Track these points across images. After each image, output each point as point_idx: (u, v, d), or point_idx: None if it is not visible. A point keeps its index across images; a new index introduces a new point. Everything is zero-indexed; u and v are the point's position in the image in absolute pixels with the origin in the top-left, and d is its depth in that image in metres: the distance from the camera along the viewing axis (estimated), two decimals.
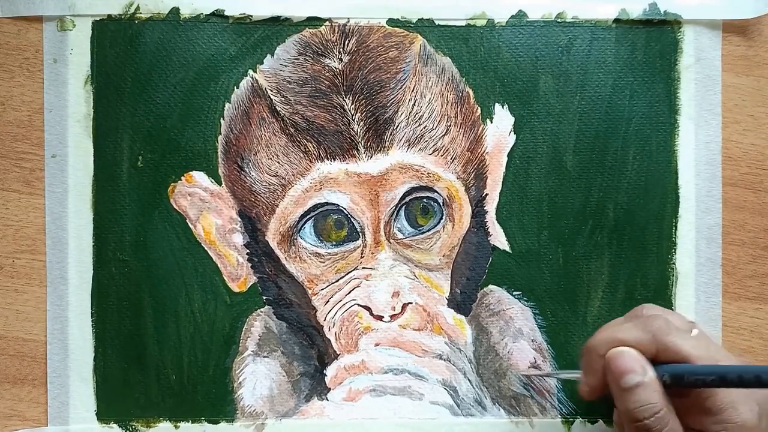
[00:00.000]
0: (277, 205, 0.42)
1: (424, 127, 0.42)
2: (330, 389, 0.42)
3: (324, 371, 0.43)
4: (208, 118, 0.42)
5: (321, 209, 0.42)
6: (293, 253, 0.42)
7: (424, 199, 0.42)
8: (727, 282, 0.43)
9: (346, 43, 0.42)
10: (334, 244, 0.42)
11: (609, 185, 0.43)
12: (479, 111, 0.43)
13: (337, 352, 0.43)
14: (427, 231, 0.43)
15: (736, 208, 0.43)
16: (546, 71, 0.43)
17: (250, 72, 0.42)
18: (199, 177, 0.42)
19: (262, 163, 0.42)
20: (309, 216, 0.42)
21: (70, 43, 0.42)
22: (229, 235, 0.43)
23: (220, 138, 0.42)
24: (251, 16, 0.42)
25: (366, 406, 0.42)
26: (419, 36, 0.42)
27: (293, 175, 0.42)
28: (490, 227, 0.43)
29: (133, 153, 0.42)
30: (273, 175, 0.42)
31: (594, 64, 0.43)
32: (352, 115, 0.42)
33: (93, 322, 0.42)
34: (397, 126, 0.42)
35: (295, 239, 0.42)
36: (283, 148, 0.42)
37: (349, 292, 0.42)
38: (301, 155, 0.42)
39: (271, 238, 0.42)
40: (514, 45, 0.42)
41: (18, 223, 0.43)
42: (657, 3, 0.43)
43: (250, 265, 0.43)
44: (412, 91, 0.42)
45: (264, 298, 0.43)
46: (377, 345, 0.42)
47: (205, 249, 0.43)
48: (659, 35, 0.43)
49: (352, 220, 0.42)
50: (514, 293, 0.43)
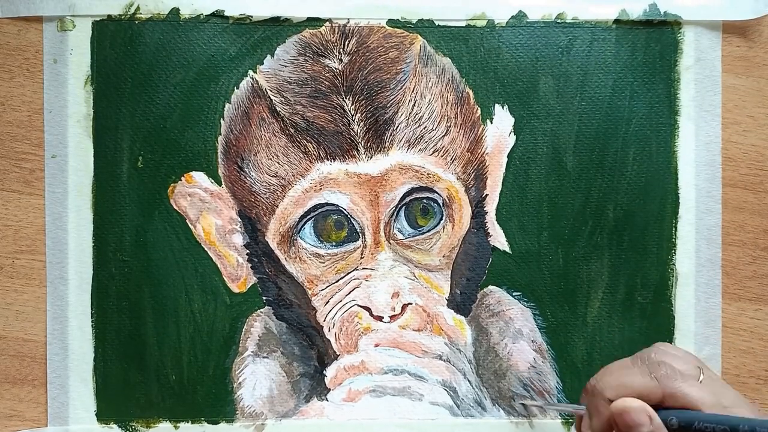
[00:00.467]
0: (277, 206, 0.42)
1: (424, 128, 0.42)
2: (330, 390, 0.42)
3: (324, 372, 0.43)
4: (208, 118, 0.42)
5: (321, 210, 0.42)
6: (293, 253, 0.42)
7: (424, 200, 0.42)
8: (726, 283, 0.43)
9: (346, 43, 0.42)
10: (334, 244, 0.42)
11: (609, 186, 0.43)
12: (479, 112, 0.43)
13: (337, 353, 0.43)
14: (427, 231, 0.43)
15: (736, 208, 0.43)
16: (546, 72, 0.43)
17: (250, 72, 0.42)
18: (199, 177, 0.42)
19: (262, 163, 0.42)
20: (309, 216, 0.42)
21: (70, 44, 0.42)
22: (229, 236, 0.43)
23: (220, 138, 0.42)
24: (251, 16, 0.42)
25: (366, 407, 0.42)
26: (419, 36, 0.42)
27: (293, 175, 0.42)
28: (490, 228, 0.43)
29: (133, 153, 0.42)
30: (273, 176, 0.42)
31: (594, 65, 0.43)
32: (352, 116, 0.42)
33: (93, 322, 0.42)
34: (397, 126, 0.42)
35: (295, 240, 0.42)
36: (283, 148, 0.42)
37: (349, 293, 0.42)
38: (301, 156, 0.42)
39: (271, 239, 0.42)
40: (514, 46, 0.42)
41: (18, 223, 0.43)
42: (657, 4, 0.43)
43: (250, 265, 0.43)
44: (412, 91, 0.42)
45: (264, 298, 0.43)
46: (377, 345, 0.42)
47: (205, 249, 0.43)
48: (659, 36, 0.43)
49: (352, 220, 0.42)
50: (514, 294, 0.43)
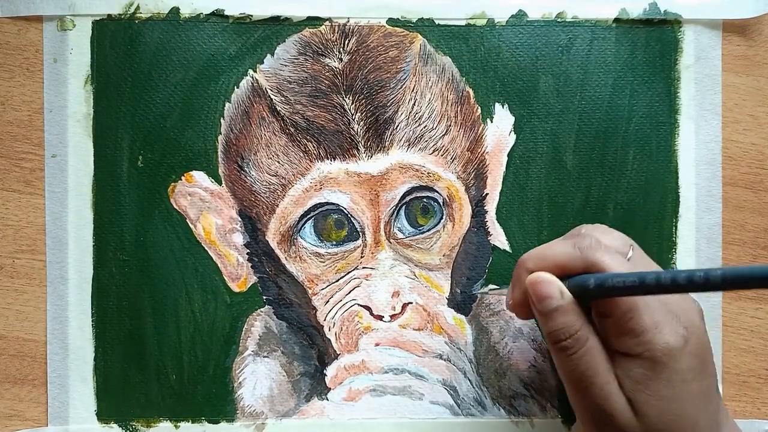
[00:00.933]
0: (277, 205, 0.42)
1: (424, 127, 0.42)
2: (330, 389, 0.42)
3: (324, 371, 0.43)
4: (208, 117, 0.42)
5: (321, 209, 0.42)
6: (293, 252, 0.42)
7: (424, 199, 0.42)
8: None
9: (346, 42, 0.42)
10: (334, 243, 0.42)
11: (609, 185, 0.43)
12: (479, 111, 0.43)
13: (337, 352, 0.43)
14: (427, 231, 0.43)
15: (736, 207, 0.43)
16: (546, 71, 0.43)
17: (250, 72, 0.42)
18: (199, 177, 0.42)
19: (262, 162, 0.42)
20: (309, 216, 0.42)
21: (70, 43, 0.42)
22: (229, 235, 0.43)
23: (220, 138, 0.42)
24: (251, 15, 0.42)
25: (366, 406, 0.42)
26: (419, 36, 0.42)
27: (293, 174, 0.42)
28: (491, 227, 0.43)
29: (133, 153, 0.42)
30: (273, 175, 0.42)
31: (594, 64, 0.43)
32: (352, 115, 0.42)
33: (93, 322, 0.42)
34: (397, 126, 0.42)
35: (295, 239, 0.42)
36: (283, 147, 0.42)
37: (349, 292, 0.42)
38: (301, 155, 0.42)
39: (271, 238, 0.42)
40: (514, 45, 0.42)
41: (18, 223, 0.43)
42: (657, 2, 0.43)
43: (250, 264, 0.43)
44: (412, 90, 0.42)
45: (264, 297, 0.43)
46: (377, 345, 0.42)
47: (205, 249, 0.43)
48: (659, 35, 0.43)
49: (352, 219, 0.42)
50: None
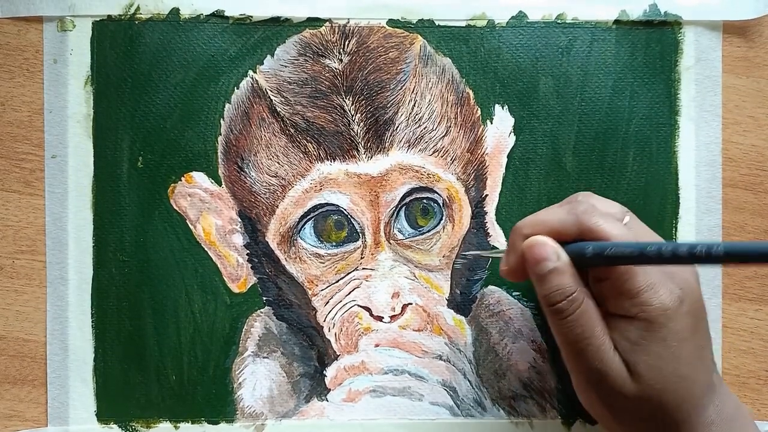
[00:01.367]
0: (277, 206, 0.42)
1: (424, 128, 0.42)
2: (330, 390, 0.42)
3: (324, 372, 0.43)
4: (208, 118, 0.42)
5: (321, 210, 0.42)
6: (293, 253, 0.42)
7: (424, 200, 0.42)
8: (727, 283, 0.43)
9: (346, 43, 0.42)
10: (334, 244, 0.42)
11: (609, 186, 0.43)
12: (479, 112, 0.43)
13: (337, 353, 0.43)
14: (427, 232, 0.43)
15: (737, 209, 0.43)
16: (546, 72, 0.43)
17: (250, 72, 0.42)
18: (199, 177, 0.42)
19: (262, 163, 0.42)
20: (309, 217, 0.42)
21: (70, 44, 0.42)
22: (229, 236, 0.43)
23: (220, 138, 0.42)
24: (251, 16, 0.42)
25: (366, 407, 0.42)
26: (419, 37, 0.42)
27: (293, 175, 0.42)
28: (490, 228, 0.43)
29: (133, 153, 0.42)
30: (273, 176, 0.42)
31: (594, 65, 0.43)
32: (352, 116, 0.42)
33: (93, 322, 0.42)
34: (397, 127, 0.42)
35: (295, 240, 0.42)
36: (283, 148, 0.42)
37: (349, 293, 0.43)
38: (301, 156, 0.42)
39: (271, 239, 0.42)
40: (515, 46, 0.42)
41: (18, 224, 0.43)
42: (657, 4, 0.43)
43: (250, 265, 0.43)
44: (412, 91, 0.42)
45: (264, 298, 0.43)
46: (377, 346, 0.42)
47: (205, 249, 0.43)
48: (659, 36, 0.43)
49: (352, 220, 0.42)
50: (514, 294, 0.43)
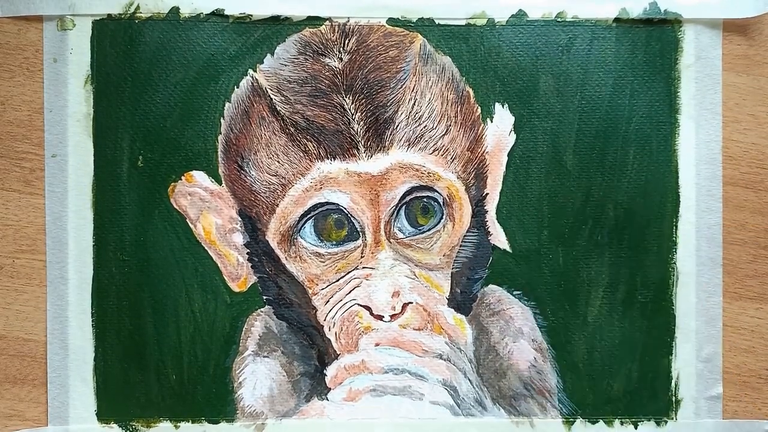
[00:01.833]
0: (277, 205, 0.42)
1: (424, 127, 0.42)
2: (330, 389, 0.42)
3: (324, 371, 0.43)
4: (208, 117, 0.42)
5: (321, 209, 0.42)
6: (293, 252, 0.42)
7: (425, 199, 0.42)
8: (727, 281, 0.43)
9: (346, 42, 0.42)
10: (335, 243, 0.42)
11: (609, 185, 0.43)
12: (479, 110, 0.43)
13: (338, 352, 0.43)
14: (428, 230, 0.43)
15: (737, 207, 0.43)
16: (546, 71, 0.43)
17: (250, 71, 0.42)
18: (199, 176, 0.42)
19: (262, 162, 0.42)
20: (309, 215, 0.42)
21: (70, 43, 0.42)
22: (229, 235, 0.43)
23: (220, 137, 0.42)
24: (251, 15, 0.42)
25: (366, 406, 0.42)
26: (419, 35, 0.42)
27: (293, 174, 0.42)
28: (491, 227, 0.43)
29: (133, 153, 0.42)
30: (273, 175, 0.42)
31: (594, 64, 0.43)
32: (352, 115, 0.42)
33: (93, 322, 0.42)
34: (397, 125, 0.42)
35: (296, 239, 0.42)
36: (283, 147, 0.42)
37: (349, 292, 0.42)
38: (301, 155, 0.42)
39: (271, 238, 0.42)
40: (515, 44, 0.42)
41: (18, 223, 0.43)
42: (657, 2, 0.43)
43: (250, 264, 0.43)
44: (412, 90, 0.42)
45: (264, 297, 0.43)
46: (377, 345, 0.42)
47: (206, 249, 0.43)
48: (659, 34, 0.43)
49: (353, 219, 0.42)
50: (515, 293, 0.43)
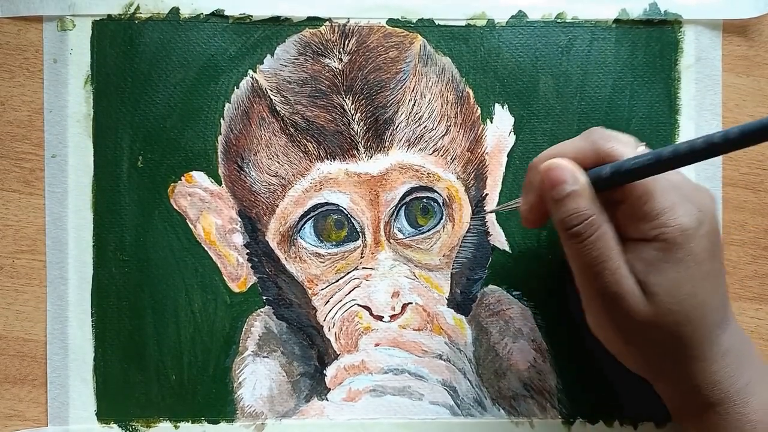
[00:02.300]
0: (277, 205, 0.42)
1: (424, 127, 0.42)
2: (330, 389, 0.42)
3: (324, 371, 0.43)
4: (208, 118, 0.42)
5: (321, 209, 0.42)
6: (293, 253, 0.42)
7: (424, 199, 0.42)
8: (727, 282, 0.43)
9: (346, 43, 0.42)
10: (334, 244, 0.42)
11: None
12: (479, 111, 0.43)
13: (337, 352, 0.43)
14: (427, 231, 0.43)
15: (737, 208, 0.43)
16: (546, 71, 0.42)
17: (250, 72, 0.42)
18: (199, 177, 0.42)
19: (262, 163, 0.42)
20: (309, 216, 0.42)
21: (70, 43, 0.42)
22: (229, 235, 0.43)
23: (220, 138, 0.42)
24: (251, 16, 0.42)
25: (366, 407, 0.42)
26: (419, 36, 0.42)
27: (293, 175, 0.42)
28: (490, 227, 0.43)
29: (133, 153, 0.42)
30: (273, 175, 0.42)
31: (594, 65, 0.43)
32: (352, 115, 0.42)
33: (93, 322, 0.42)
34: (397, 126, 0.42)
35: (295, 239, 0.42)
36: (283, 148, 0.42)
37: (349, 292, 0.42)
38: (301, 155, 0.42)
39: (271, 238, 0.42)
40: (514, 45, 0.42)
41: (18, 223, 0.43)
42: (657, 3, 0.43)
43: (250, 265, 0.43)
44: (412, 91, 0.42)
45: (264, 298, 0.43)
46: (377, 345, 0.42)
47: (205, 249, 0.43)
48: (659, 35, 0.43)
49: (352, 220, 0.42)
50: (514, 293, 0.43)
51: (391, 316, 0.42)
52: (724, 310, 0.35)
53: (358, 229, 0.42)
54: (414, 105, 0.42)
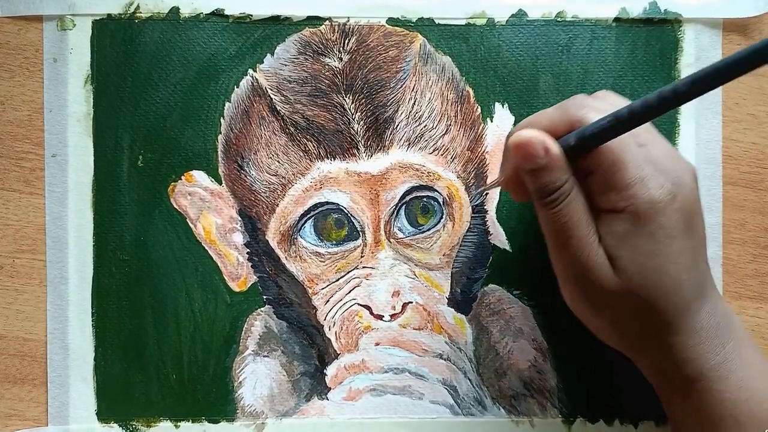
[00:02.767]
0: (277, 205, 0.42)
1: (424, 127, 0.42)
2: (330, 389, 0.42)
3: (324, 371, 0.43)
4: (208, 117, 0.42)
5: (321, 208, 0.42)
6: (293, 252, 0.42)
7: (425, 199, 0.42)
8: (727, 281, 0.43)
9: (346, 42, 0.42)
10: (335, 243, 0.42)
11: None
12: (479, 110, 0.42)
13: (338, 352, 0.43)
14: (428, 230, 0.43)
15: (737, 207, 0.43)
16: (546, 70, 0.42)
17: (250, 71, 0.42)
18: (199, 176, 0.42)
19: (262, 162, 0.42)
20: (309, 215, 0.42)
21: (70, 43, 0.42)
22: (229, 235, 0.43)
23: (220, 137, 0.42)
24: (251, 15, 0.42)
25: (366, 406, 0.42)
26: (419, 35, 0.42)
27: (293, 174, 0.42)
28: (491, 227, 0.43)
29: (133, 153, 0.42)
30: (273, 175, 0.42)
31: (594, 63, 0.43)
32: (352, 115, 0.42)
33: (93, 322, 0.42)
34: (397, 125, 0.42)
35: (296, 238, 0.42)
36: (283, 147, 0.42)
37: (349, 292, 0.42)
38: (301, 154, 0.42)
39: (271, 238, 0.42)
40: (514, 44, 0.42)
41: (18, 223, 0.43)
42: (657, 2, 0.43)
43: (250, 264, 0.43)
44: (412, 90, 0.42)
45: (264, 297, 0.43)
46: (377, 344, 0.42)
47: (206, 248, 0.43)
48: (659, 34, 0.43)
49: (353, 219, 0.42)
50: (515, 292, 0.43)
51: (392, 316, 0.42)
52: (702, 286, 0.35)
53: (359, 229, 0.42)
54: (414, 104, 0.42)
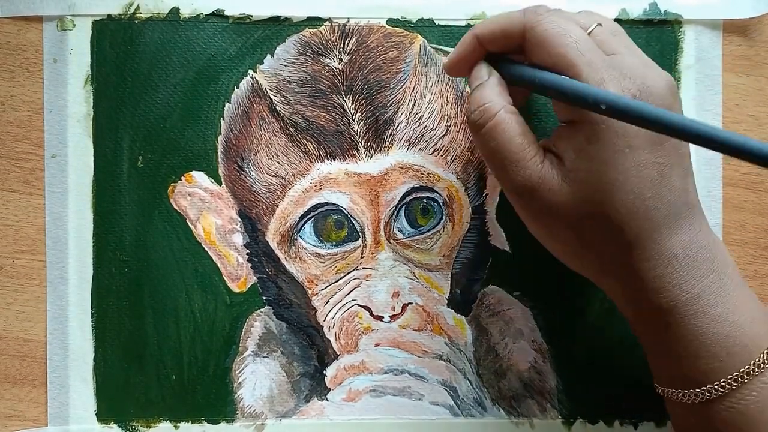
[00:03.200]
0: (277, 205, 0.42)
1: (424, 127, 0.42)
2: (330, 389, 0.42)
3: (324, 371, 0.43)
4: (208, 118, 0.42)
5: (321, 209, 0.42)
6: (293, 253, 0.42)
7: (424, 200, 0.42)
8: None
9: (346, 43, 0.42)
10: (334, 244, 0.42)
11: None
12: None
13: (337, 353, 0.43)
14: (427, 231, 0.43)
15: (737, 208, 0.43)
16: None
17: (250, 72, 0.42)
18: (199, 177, 0.42)
19: (262, 163, 0.42)
20: (309, 216, 0.42)
21: (70, 43, 0.42)
22: (229, 235, 0.43)
23: (220, 138, 0.42)
24: (251, 16, 0.42)
25: (366, 407, 0.42)
26: (419, 36, 0.42)
27: (293, 175, 0.42)
28: (491, 228, 0.43)
29: (133, 153, 0.42)
30: (273, 175, 0.42)
31: None
32: (352, 115, 0.42)
33: (93, 322, 0.42)
34: (397, 126, 0.42)
35: (295, 239, 0.42)
36: (283, 148, 0.42)
37: (349, 293, 0.42)
38: (301, 155, 0.42)
39: (271, 239, 0.42)
40: None
41: (18, 223, 0.43)
42: (657, 3, 0.42)
43: (250, 265, 0.43)
44: (412, 91, 0.42)
45: (264, 298, 0.43)
46: (377, 345, 0.42)
47: (205, 249, 0.43)
48: (659, 35, 0.43)
49: (352, 220, 0.42)
50: (514, 294, 0.43)
51: (391, 317, 0.42)
52: (676, 210, 0.32)
53: (358, 229, 0.42)
54: (414, 105, 0.42)
